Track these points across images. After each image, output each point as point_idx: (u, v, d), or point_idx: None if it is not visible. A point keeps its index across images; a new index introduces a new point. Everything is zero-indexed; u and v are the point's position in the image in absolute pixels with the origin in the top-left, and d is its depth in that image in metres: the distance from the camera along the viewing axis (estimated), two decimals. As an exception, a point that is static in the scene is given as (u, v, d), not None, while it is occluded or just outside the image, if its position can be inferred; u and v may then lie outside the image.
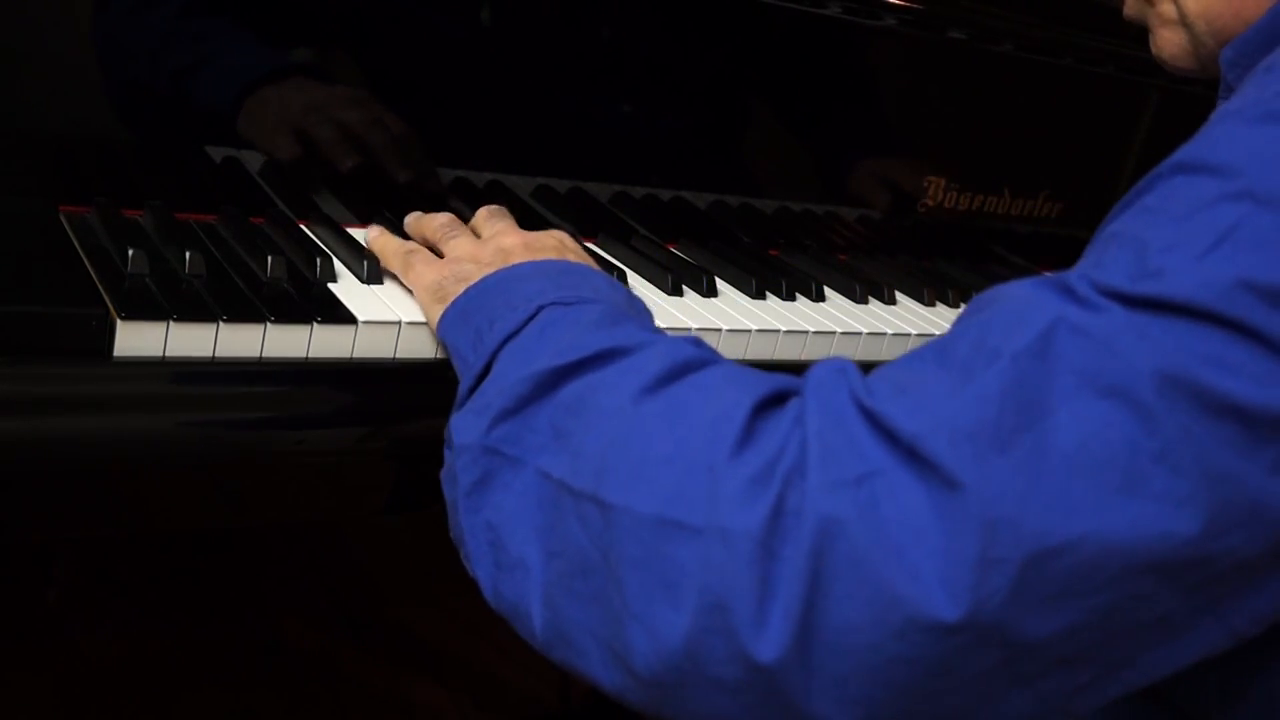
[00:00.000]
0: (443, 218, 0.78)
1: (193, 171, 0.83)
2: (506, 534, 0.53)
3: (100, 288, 0.64)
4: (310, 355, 0.68)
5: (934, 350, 0.48)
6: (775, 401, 0.50)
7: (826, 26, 1.03)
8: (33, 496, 0.65)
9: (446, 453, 0.59)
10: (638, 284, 0.88)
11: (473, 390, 0.59)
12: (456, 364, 0.63)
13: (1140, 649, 0.46)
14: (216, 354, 0.64)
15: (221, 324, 0.64)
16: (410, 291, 0.74)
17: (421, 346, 0.72)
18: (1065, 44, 1.14)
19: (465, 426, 0.56)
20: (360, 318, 0.69)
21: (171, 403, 0.64)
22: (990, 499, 0.43)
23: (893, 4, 1.04)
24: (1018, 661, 0.44)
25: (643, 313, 0.67)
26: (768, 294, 0.93)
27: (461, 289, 0.66)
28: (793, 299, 0.94)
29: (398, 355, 0.71)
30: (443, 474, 0.59)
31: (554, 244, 0.72)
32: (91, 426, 0.62)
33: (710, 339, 0.81)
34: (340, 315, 0.69)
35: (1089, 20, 1.14)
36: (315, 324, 0.67)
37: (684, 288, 0.89)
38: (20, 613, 1.62)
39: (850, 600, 0.43)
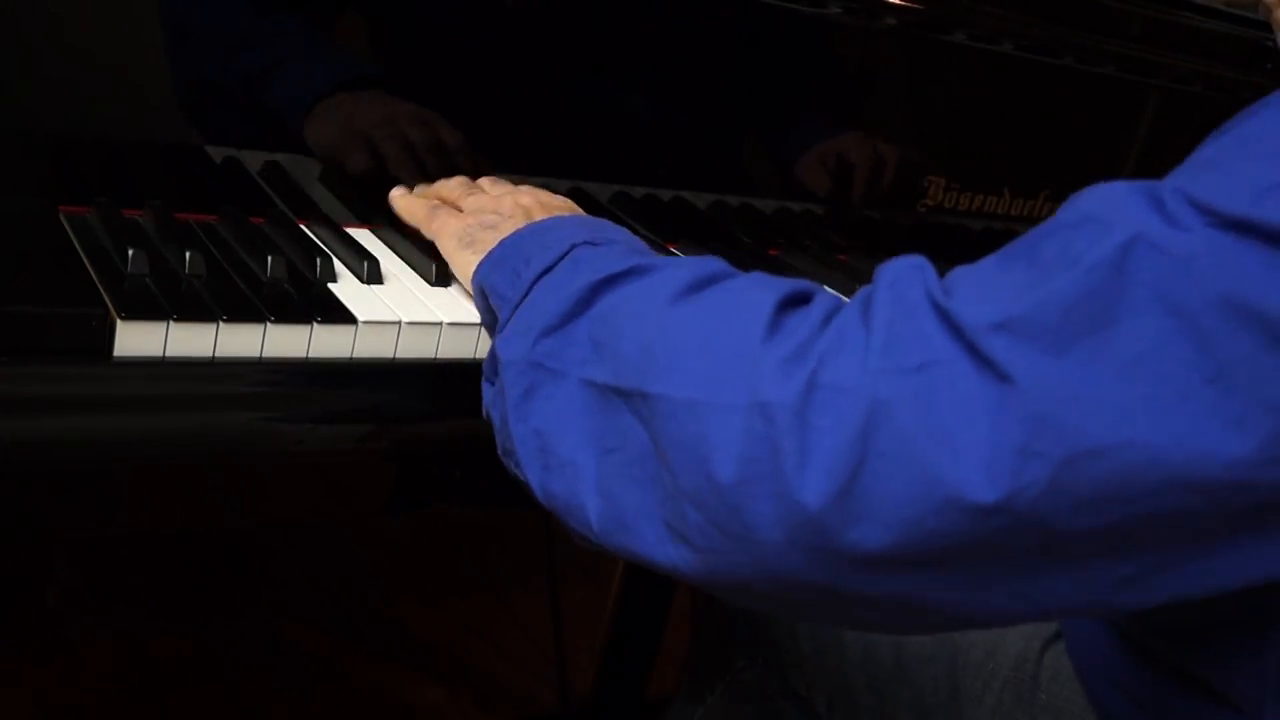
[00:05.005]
0: (457, 179, 0.84)
1: (193, 171, 0.83)
2: (554, 439, 0.57)
3: (100, 288, 0.64)
4: (310, 355, 0.68)
5: (1026, 247, 0.49)
6: (797, 300, 0.54)
7: (826, 27, 1.03)
8: (32, 497, 0.65)
9: (485, 387, 0.64)
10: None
11: (510, 318, 0.63)
12: (495, 302, 0.67)
13: (1182, 558, 0.47)
14: (216, 354, 0.64)
15: (221, 324, 0.64)
16: (406, 294, 0.74)
17: (422, 346, 0.72)
18: (1065, 44, 1.14)
19: (511, 345, 0.61)
20: (360, 318, 0.69)
21: (171, 403, 0.64)
22: (1040, 396, 0.44)
23: (893, 4, 1.04)
24: (1054, 547, 0.46)
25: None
26: (768, 294, 0.93)
27: (490, 236, 0.71)
28: (793, 299, 0.94)
29: (398, 355, 0.71)
30: (487, 397, 0.64)
31: (563, 204, 0.78)
32: (91, 426, 0.62)
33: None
34: (340, 315, 0.69)
35: (1089, 20, 1.14)
36: (315, 324, 0.67)
37: (684, 288, 0.89)
38: (20, 612, 1.61)
39: (894, 475, 0.46)
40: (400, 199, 0.84)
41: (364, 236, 0.85)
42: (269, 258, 0.71)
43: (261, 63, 0.82)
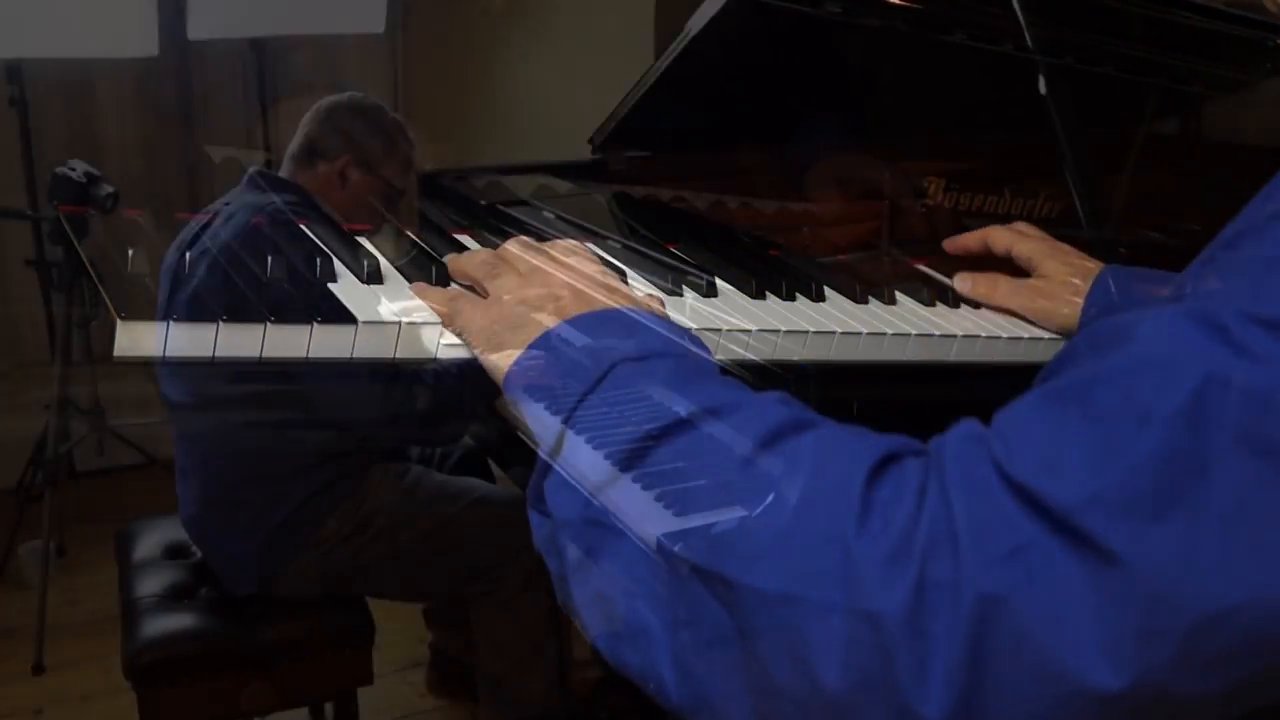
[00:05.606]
0: (481, 254, 0.75)
1: (193, 172, 0.83)
2: (621, 603, 0.53)
3: (100, 288, 0.64)
4: (310, 355, 0.68)
5: (1074, 397, 0.46)
6: (886, 464, 0.50)
7: (826, 26, 1.03)
8: (32, 496, 0.65)
9: (533, 517, 0.59)
10: (638, 284, 0.88)
11: (554, 454, 0.58)
12: (530, 422, 0.61)
13: None
14: (216, 354, 0.64)
15: (221, 324, 0.64)
16: (406, 294, 0.74)
17: (421, 347, 0.72)
18: (1065, 44, 1.14)
19: (563, 501, 0.56)
20: (360, 318, 0.69)
21: (171, 403, 0.64)
22: (1149, 571, 0.42)
23: (893, 4, 1.04)
24: (1177, 716, 0.44)
25: (707, 359, 0.66)
26: (768, 294, 0.93)
27: (517, 337, 0.65)
28: (793, 299, 0.94)
29: (398, 355, 0.71)
30: (539, 543, 0.59)
31: (600, 284, 0.69)
32: (91, 426, 0.62)
33: (710, 339, 0.81)
34: (340, 315, 0.69)
35: (1089, 20, 1.14)
36: (315, 324, 0.67)
37: (684, 288, 0.89)
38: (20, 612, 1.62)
39: (1014, 674, 0.44)
40: (420, 296, 0.74)
41: (364, 237, 0.85)
42: (269, 258, 0.71)
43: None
